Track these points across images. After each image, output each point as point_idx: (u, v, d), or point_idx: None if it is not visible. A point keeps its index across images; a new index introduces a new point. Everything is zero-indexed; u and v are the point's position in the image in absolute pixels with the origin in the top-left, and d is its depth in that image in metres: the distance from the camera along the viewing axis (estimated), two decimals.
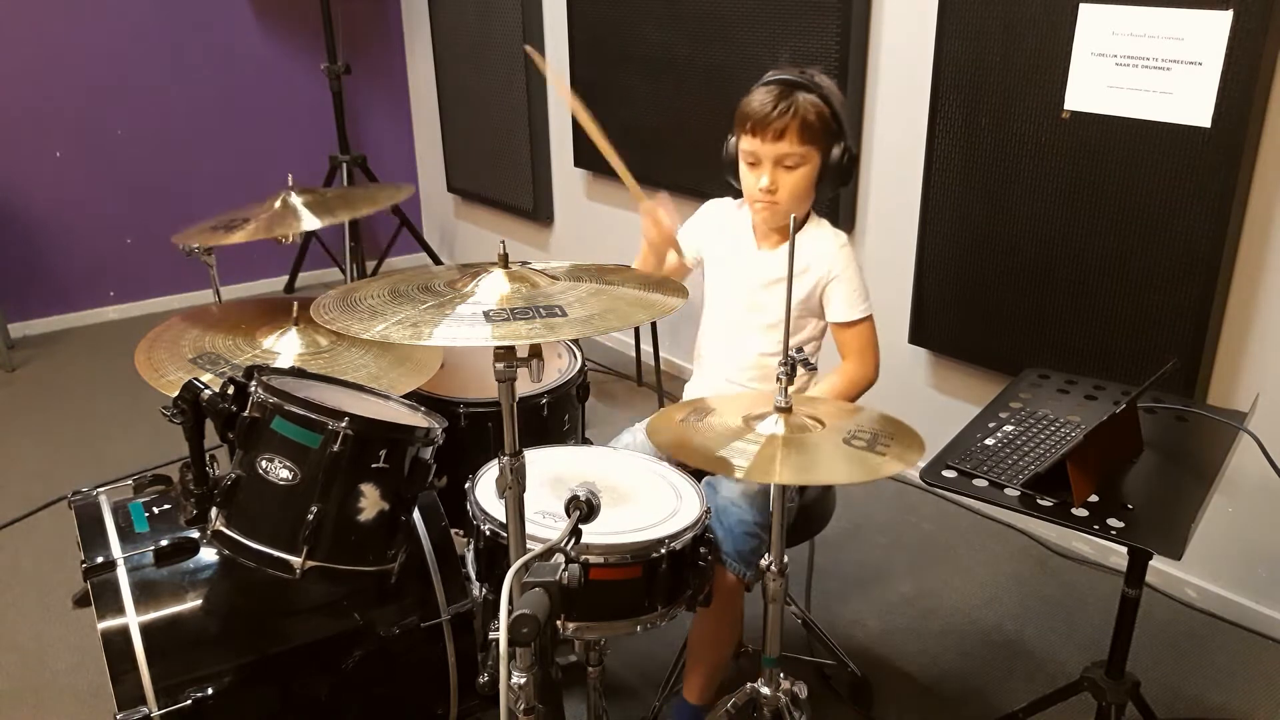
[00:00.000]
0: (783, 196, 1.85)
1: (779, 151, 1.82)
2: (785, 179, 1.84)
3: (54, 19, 4.01)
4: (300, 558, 1.57)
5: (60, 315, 4.35)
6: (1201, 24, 2.09)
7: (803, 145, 1.81)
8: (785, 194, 1.85)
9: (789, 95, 1.80)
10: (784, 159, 1.82)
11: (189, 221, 2.26)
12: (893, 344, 2.05)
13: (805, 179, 1.85)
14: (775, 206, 1.87)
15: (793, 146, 1.81)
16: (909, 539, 2.78)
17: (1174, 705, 2.14)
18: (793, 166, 1.83)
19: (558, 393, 2.18)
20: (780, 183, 1.84)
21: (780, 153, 1.82)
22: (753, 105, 1.83)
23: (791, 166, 1.83)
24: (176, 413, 1.61)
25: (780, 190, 1.84)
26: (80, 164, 4.20)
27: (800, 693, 1.69)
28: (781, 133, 1.80)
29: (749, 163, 1.87)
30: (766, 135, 1.81)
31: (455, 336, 1.30)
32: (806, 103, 1.80)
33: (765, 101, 1.81)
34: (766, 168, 1.84)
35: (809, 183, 1.86)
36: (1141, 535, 1.45)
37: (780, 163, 1.83)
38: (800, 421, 1.51)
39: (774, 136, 1.80)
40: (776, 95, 1.81)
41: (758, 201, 1.88)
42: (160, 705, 1.59)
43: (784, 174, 1.84)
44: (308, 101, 4.58)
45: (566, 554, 1.25)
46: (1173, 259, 2.24)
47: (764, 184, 1.84)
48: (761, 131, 1.81)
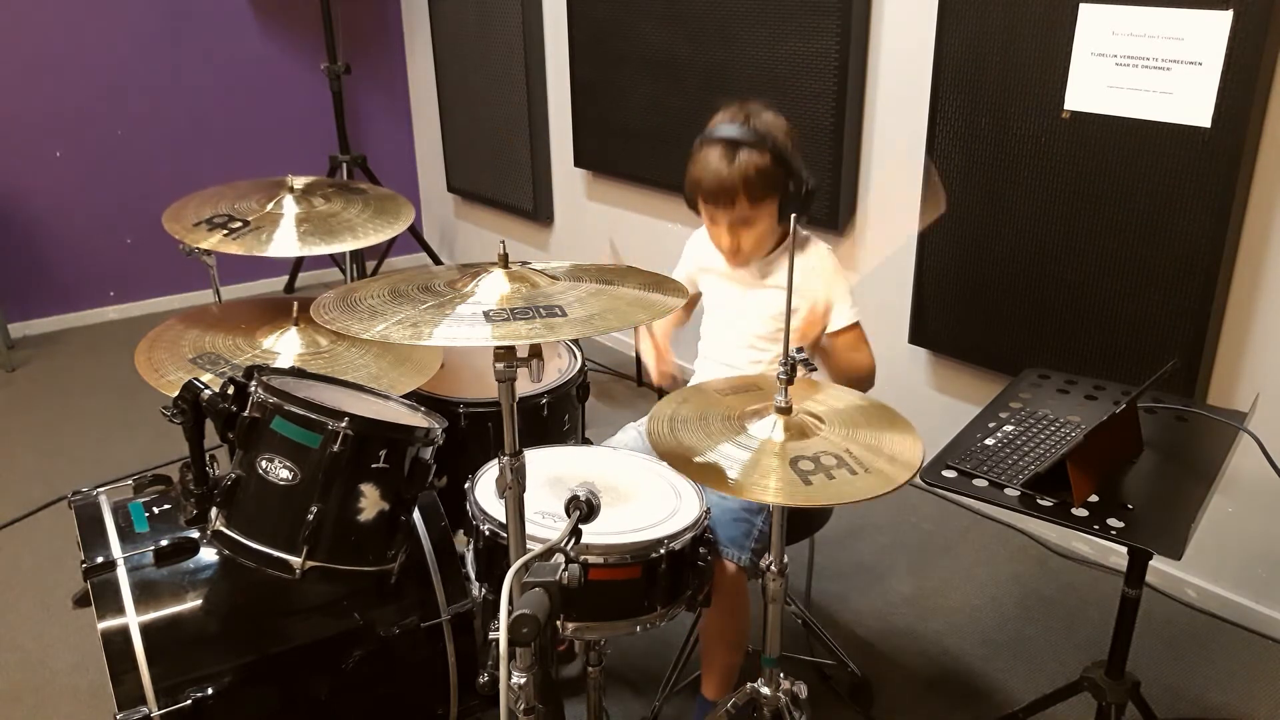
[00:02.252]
0: (747, 248, 1.92)
1: (733, 216, 1.87)
2: (746, 235, 1.90)
3: (54, 20, 4.01)
4: (300, 558, 1.57)
5: (60, 315, 4.35)
6: (1201, 24, 2.09)
7: (754, 205, 1.86)
8: (750, 245, 1.92)
9: (731, 158, 1.82)
10: (740, 220, 1.88)
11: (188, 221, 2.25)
12: (893, 344, 2.05)
13: (766, 227, 1.91)
14: (740, 255, 1.94)
15: (744, 210, 1.86)
16: (909, 539, 2.78)
17: (1174, 705, 2.14)
18: (750, 222, 1.88)
19: (558, 393, 2.19)
20: (742, 239, 1.91)
21: (734, 217, 1.88)
22: (698, 176, 1.87)
23: (748, 222, 1.88)
24: (176, 413, 1.62)
25: (743, 243, 1.91)
26: (80, 164, 4.20)
27: (800, 693, 1.69)
28: (731, 201, 1.85)
29: (708, 218, 1.93)
30: (718, 204, 1.87)
31: (455, 336, 1.30)
32: (748, 165, 1.82)
33: (710, 172, 1.84)
34: (724, 229, 1.90)
35: (769, 228, 1.92)
36: (1141, 535, 1.45)
37: (736, 224, 1.89)
38: (800, 423, 1.49)
39: (725, 204, 1.86)
40: (718, 161, 1.83)
41: (725, 253, 1.95)
42: (160, 705, 1.59)
43: (744, 230, 1.90)
44: (308, 101, 4.58)
45: (566, 554, 1.25)
46: (1173, 259, 2.24)
47: (725, 245, 1.92)
48: (712, 202, 1.87)
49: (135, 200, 4.31)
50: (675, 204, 3.38)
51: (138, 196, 4.30)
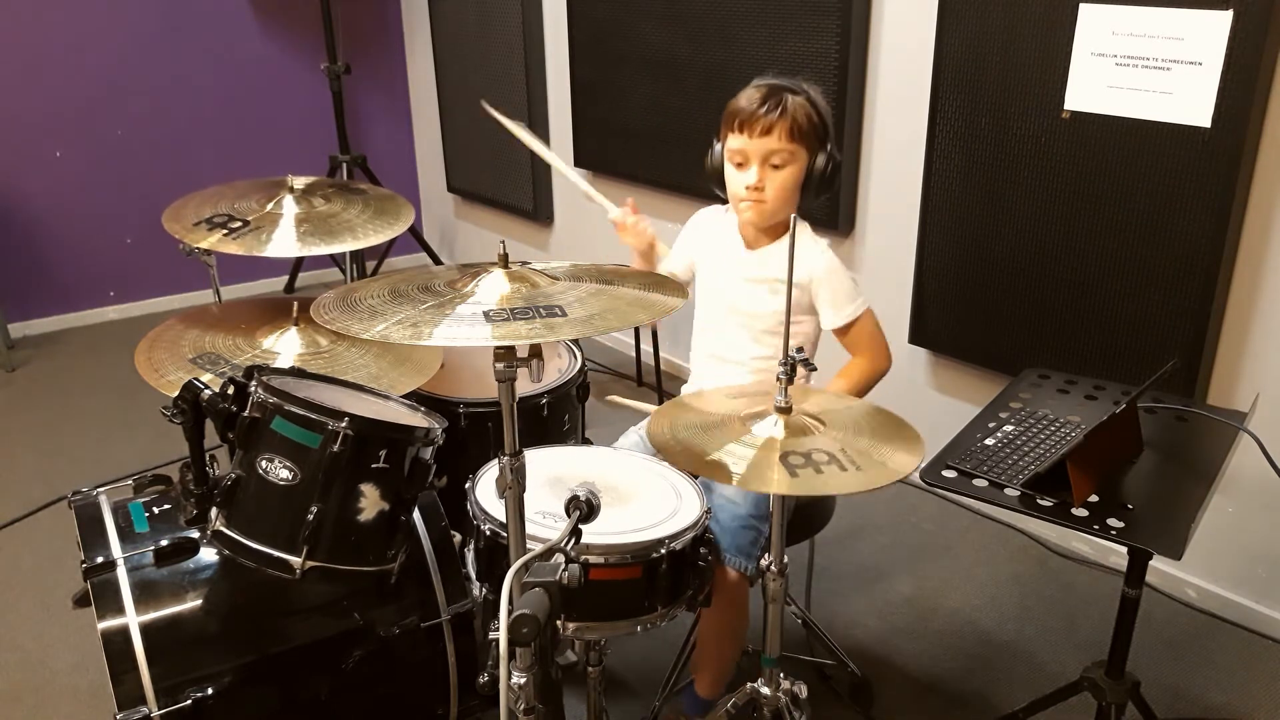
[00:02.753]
0: (769, 195, 1.86)
1: (767, 148, 1.82)
2: (772, 177, 1.85)
3: (54, 19, 4.01)
4: (300, 558, 1.57)
5: (60, 315, 4.35)
6: (1201, 24, 2.09)
7: (791, 143, 1.82)
8: (772, 193, 1.85)
9: (778, 94, 1.83)
10: (771, 156, 1.83)
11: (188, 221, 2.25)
12: (893, 344, 2.04)
13: (792, 179, 1.86)
14: (762, 205, 1.87)
15: (781, 143, 1.82)
16: (909, 539, 2.78)
17: (1174, 705, 2.14)
18: (780, 165, 1.84)
19: (558, 393, 2.19)
20: (767, 181, 1.85)
21: (768, 149, 1.83)
22: (741, 103, 1.85)
23: (779, 165, 1.84)
24: (176, 413, 1.62)
25: (767, 188, 1.85)
26: (80, 164, 4.20)
27: (800, 693, 1.69)
28: (770, 128, 1.81)
29: (736, 162, 1.88)
30: (755, 130, 1.82)
31: (455, 336, 1.30)
32: (796, 103, 1.83)
33: (754, 99, 1.84)
34: (754, 165, 1.85)
35: (795, 184, 1.87)
36: (1141, 535, 1.45)
37: (768, 160, 1.84)
38: (800, 423, 1.50)
39: (762, 132, 1.81)
40: (766, 93, 1.83)
41: (744, 200, 1.88)
42: (160, 705, 1.59)
43: (771, 172, 1.85)
44: (308, 101, 4.58)
45: (566, 554, 1.25)
46: (1173, 259, 2.24)
47: (751, 181, 1.85)
48: (750, 127, 1.82)
49: (135, 200, 4.31)
50: (675, 204, 3.38)
51: (138, 196, 4.30)
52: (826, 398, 1.63)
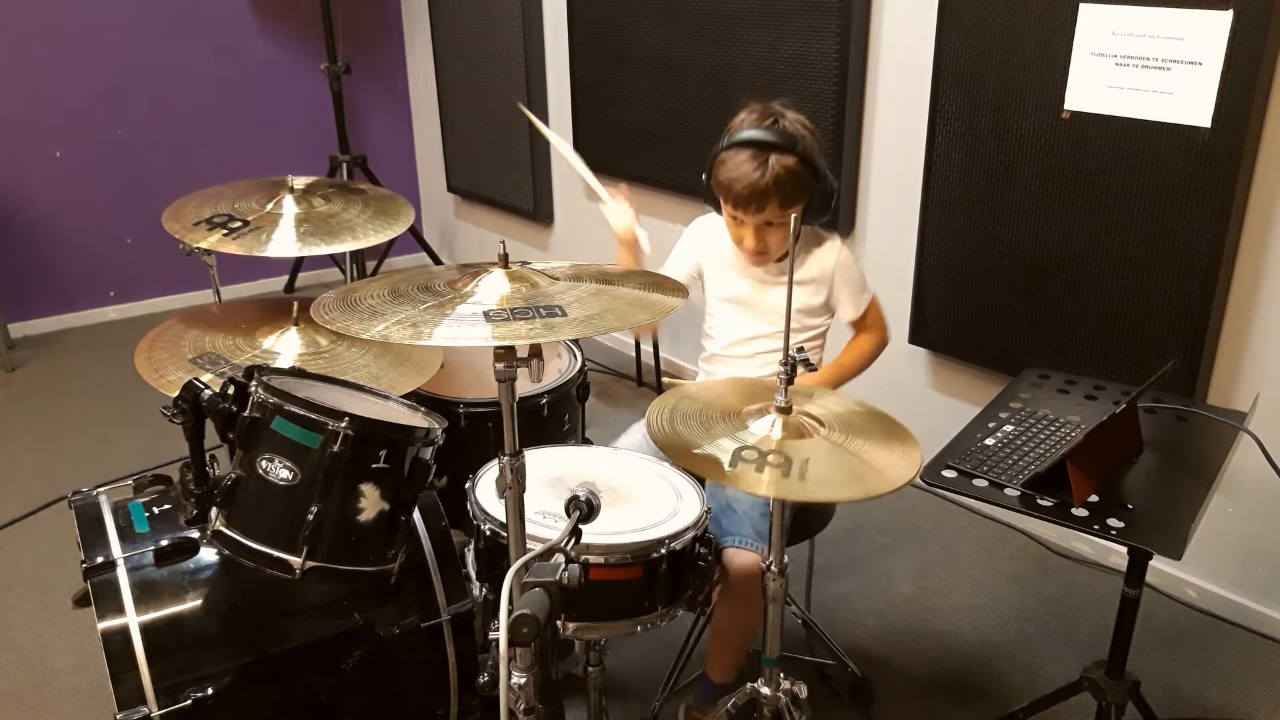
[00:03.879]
0: (774, 248, 1.92)
1: (762, 219, 1.87)
2: (771, 235, 1.90)
3: (54, 20, 4.01)
4: (300, 558, 1.57)
5: (60, 315, 4.35)
6: (1201, 24, 2.09)
7: (785, 209, 1.85)
8: (773, 245, 1.92)
9: (763, 163, 1.80)
10: (768, 223, 1.88)
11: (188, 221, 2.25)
12: (893, 344, 2.06)
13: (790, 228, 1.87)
14: (764, 257, 1.94)
15: (774, 214, 1.86)
16: (909, 539, 2.78)
17: (1174, 705, 2.14)
18: (776, 224, 1.88)
19: (558, 393, 2.19)
20: (769, 241, 1.90)
21: (763, 220, 1.87)
22: (728, 180, 1.84)
23: (775, 224, 1.88)
24: (176, 413, 1.61)
25: (771, 245, 1.91)
26: (80, 164, 4.20)
27: (800, 693, 1.69)
28: (762, 206, 1.84)
29: (735, 223, 1.92)
30: (748, 210, 1.85)
31: (455, 336, 1.30)
32: (781, 169, 1.81)
33: (741, 177, 1.82)
34: (751, 230, 1.89)
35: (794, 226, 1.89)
36: (1141, 535, 1.45)
37: (763, 224, 1.88)
38: (798, 424, 1.49)
39: (755, 210, 1.85)
40: (751, 168, 1.81)
41: (749, 254, 1.94)
42: (160, 705, 1.59)
43: (769, 231, 1.89)
44: (308, 101, 4.58)
45: (566, 554, 1.25)
46: (1173, 259, 2.24)
47: (750, 246, 1.91)
48: (743, 207, 1.86)
49: (135, 200, 4.31)
50: (676, 204, 3.38)
51: (138, 196, 4.30)
52: (828, 399, 1.63)
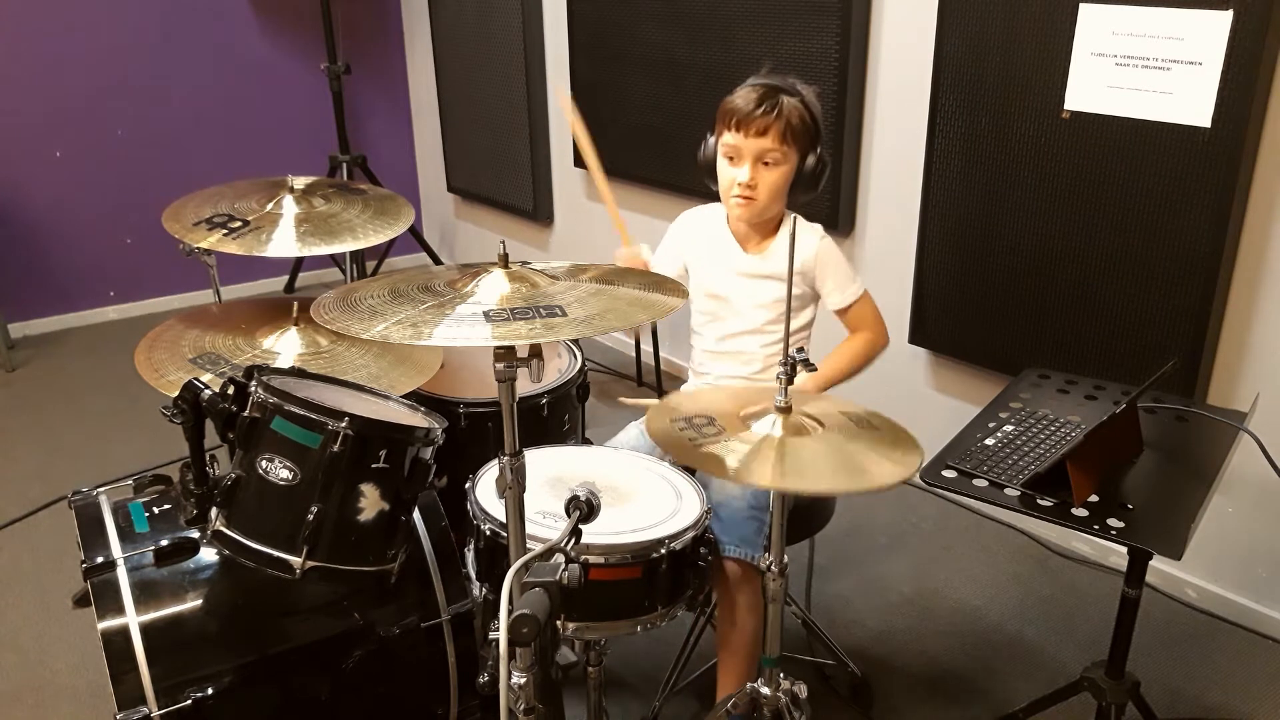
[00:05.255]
0: (760, 193, 1.90)
1: (761, 147, 1.86)
2: (764, 175, 1.89)
3: (54, 19, 4.01)
4: (300, 558, 1.57)
5: (60, 315, 4.35)
6: (1201, 24, 2.08)
7: (784, 144, 1.86)
8: (763, 190, 1.90)
9: (774, 95, 1.86)
10: (764, 155, 1.87)
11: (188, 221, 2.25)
12: (893, 344, 2.06)
13: (783, 178, 1.90)
14: (752, 202, 1.91)
15: (775, 144, 1.86)
16: (909, 539, 2.78)
17: (1174, 705, 2.14)
18: (772, 164, 1.88)
19: (558, 393, 2.19)
20: (759, 179, 1.89)
21: (762, 148, 1.87)
22: (737, 102, 1.88)
23: (771, 164, 1.88)
24: (176, 413, 1.62)
25: (759, 186, 1.89)
26: (80, 164, 4.20)
27: (800, 693, 1.69)
28: (765, 129, 1.85)
29: (728, 157, 1.91)
30: (750, 130, 1.86)
31: (455, 336, 1.30)
32: (790, 105, 1.86)
33: (750, 99, 1.86)
34: (747, 163, 1.88)
35: (785, 182, 1.91)
36: (1141, 535, 1.45)
37: (760, 159, 1.88)
38: (799, 423, 1.50)
39: (757, 132, 1.85)
40: (761, 94, 1.86)
41: (735, 197, 1.92)
42: (160, 705, 1.59)
43: (763, 170, 1.89)
44: (308, 101, 4.58)
45: (566, 554, 1.25)
46: (1173, 259, 2.24)
47: (744, 178, 1.89)
48: (745, 126, 1.86)
49: (135, 200, 4.31)
50: (676, 204, 3.37)
51: (138, 196, 4.30)
52: (828, 400, 1.63)
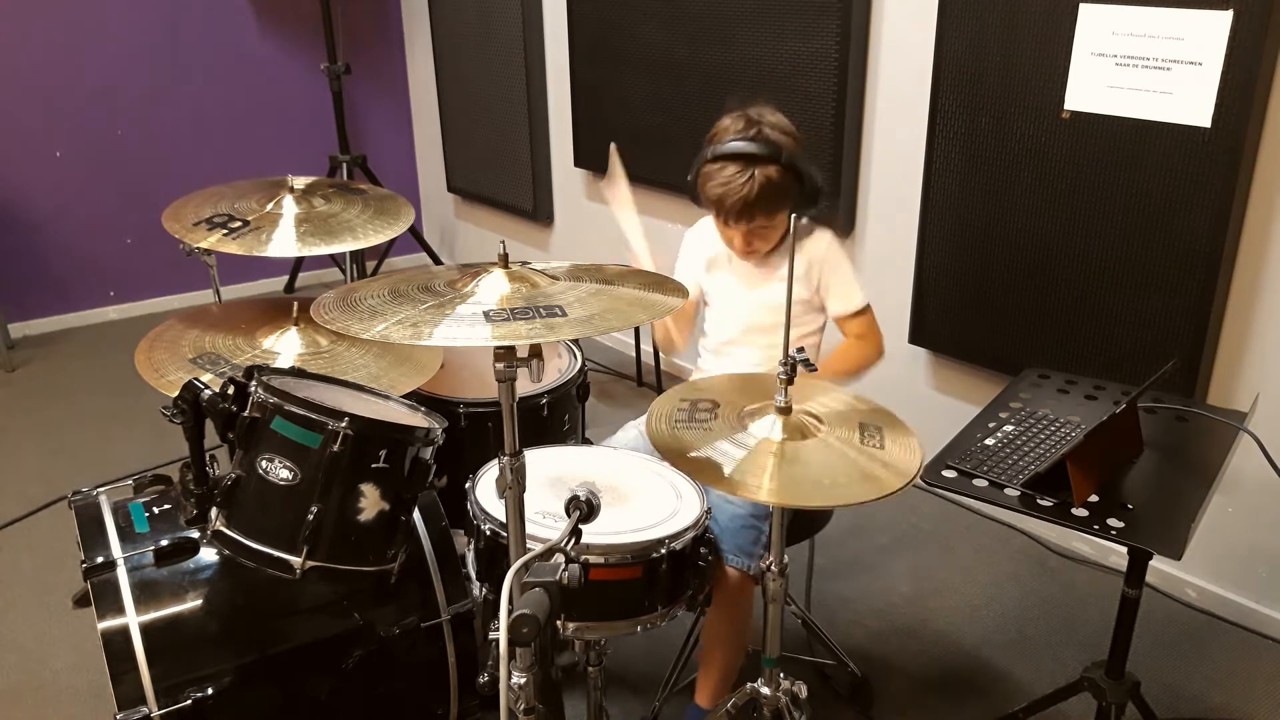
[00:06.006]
0: (760, 246, 1.95)
1: (747, 227, 1.89)
2: (761, 240, 1.93)
3: (54, 19, 4.01)
4: (300, 558, 1.57)
5: (60, 315, 4.35)
6: (1201, 24, 2.08)
7: (770, 217, 1.88)
8: (762, 245, 1.95)
9: (748, 177, 1.81)
10: (752, 228, 1.90)
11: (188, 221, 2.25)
12: (893, 344, 2.06)
13: (778, 228, 1.94)
14: (755, 254, 1.96)
15: (761, 220, 1.88)
16: (909, 539, 2.78)
17: (1174, 705, 2.14)
18: (766, 230, 1.91)
19: (558, 393, 2.19)
20: (757, 244, 1.94)
21: (749, 227, 1.89)
22: (715, 195, 1.85)
23: (765, 230, 1.91)
24: (176, 413, 1.62)
25: (759, 246, 1.94)
26: (80, 164, 4.20)
27: (800, 693, 1.69)
28: (751, 217, 1.86)
29: (723, 228, 1.94)
30: (730, 219, 1.88)
31: (455, 336, 1.30)
32: (765, 180, 1.81)
33: (728, 194, 1.82)
34: (739, 236, 1.92)
35: (782, 225, 1.94)
36: (1141, 535, 1.46)
37: (750, 232, 1.91)
38: (799, 423, 1.49)
39: (739, 219, 1.87)
40: (737, 183, 1.81)
41: (738, 253, 1.97)
42: (160, 705, 1.59)
43: (758, 236, 1.92)
44: (308, 101, 4.58)
45: (566, 554, 1.25)
46: (1173, 259, 2.24)
47: (739, 248, 1.95)
48: (725, 217, 1.88)
49: (135, 200, 4.31)
50: (675, 204, 3.38)
51: (138, 196, 4.30)
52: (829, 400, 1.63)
